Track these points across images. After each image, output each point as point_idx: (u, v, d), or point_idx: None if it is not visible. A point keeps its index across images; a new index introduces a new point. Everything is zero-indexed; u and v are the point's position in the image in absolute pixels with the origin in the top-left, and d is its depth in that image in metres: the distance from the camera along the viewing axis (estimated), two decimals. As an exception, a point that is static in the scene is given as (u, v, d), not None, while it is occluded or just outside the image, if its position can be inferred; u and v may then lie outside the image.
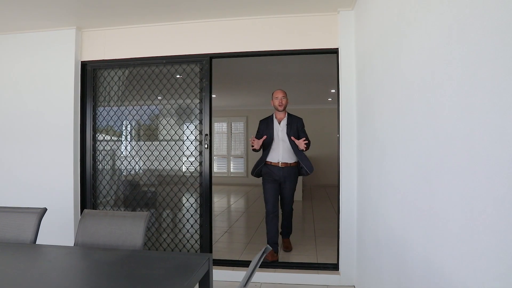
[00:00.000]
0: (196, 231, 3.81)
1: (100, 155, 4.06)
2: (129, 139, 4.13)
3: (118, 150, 4.13)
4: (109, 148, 4.10)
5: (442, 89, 1.28)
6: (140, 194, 4.04)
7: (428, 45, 1.44)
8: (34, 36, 3.97)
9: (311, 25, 3.52)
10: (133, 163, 4.04)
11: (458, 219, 1.16)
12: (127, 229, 2.23)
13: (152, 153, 3.97)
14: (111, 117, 4.04)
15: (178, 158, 3.91)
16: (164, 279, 1.61)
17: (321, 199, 8.89)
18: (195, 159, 3.83)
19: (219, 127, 12.00)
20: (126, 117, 4.06)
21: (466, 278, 1.09)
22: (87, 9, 3.42)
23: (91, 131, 4.01)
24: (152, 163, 3.98)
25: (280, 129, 3.99)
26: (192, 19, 3.68)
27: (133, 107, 4.01)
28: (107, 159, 4.09)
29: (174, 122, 3.93)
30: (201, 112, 3.76)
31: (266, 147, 4.02)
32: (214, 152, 11.88)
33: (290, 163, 4.00)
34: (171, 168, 3.93)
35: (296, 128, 3.99)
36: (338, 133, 3.44)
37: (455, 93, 1.17)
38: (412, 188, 1.66)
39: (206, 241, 3.71)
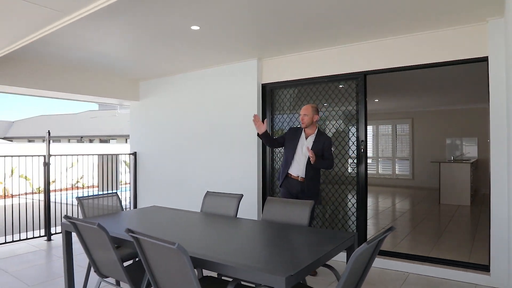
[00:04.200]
0: (353, 223, 4.46)
1: (276, 157, 5.13)
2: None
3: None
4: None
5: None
6: (307, 190, 4.92)
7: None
8: (226, 68, 5.38)
9: (459, 37, 3.74)
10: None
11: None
12: (297, 212, 3.07)
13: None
14: (285, 127, 5.07)
15: (338, 160, 4.63)
16: (320, 243, 2.38)
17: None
18: (353, 161, 4.49)
19: (384, 129, 12.12)
20: (296, 126, 5.02)
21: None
22: (266, 44, 4.49)
23: (269, 138, 5.11)
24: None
25: (305, 144, 3.85)
26: (347, 42, 4.34)
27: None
28: (281, 160, 5.12)
29: (336, 129, 4.67)
30: (357, 121, 4.40)
31: (289, 157, 3.94)
32: (380, 154, 12.12)
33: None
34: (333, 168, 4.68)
35: (322, 147, 3.82)
36: (489, 139, 3.58)
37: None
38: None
39: (361, 232, 4.32)
